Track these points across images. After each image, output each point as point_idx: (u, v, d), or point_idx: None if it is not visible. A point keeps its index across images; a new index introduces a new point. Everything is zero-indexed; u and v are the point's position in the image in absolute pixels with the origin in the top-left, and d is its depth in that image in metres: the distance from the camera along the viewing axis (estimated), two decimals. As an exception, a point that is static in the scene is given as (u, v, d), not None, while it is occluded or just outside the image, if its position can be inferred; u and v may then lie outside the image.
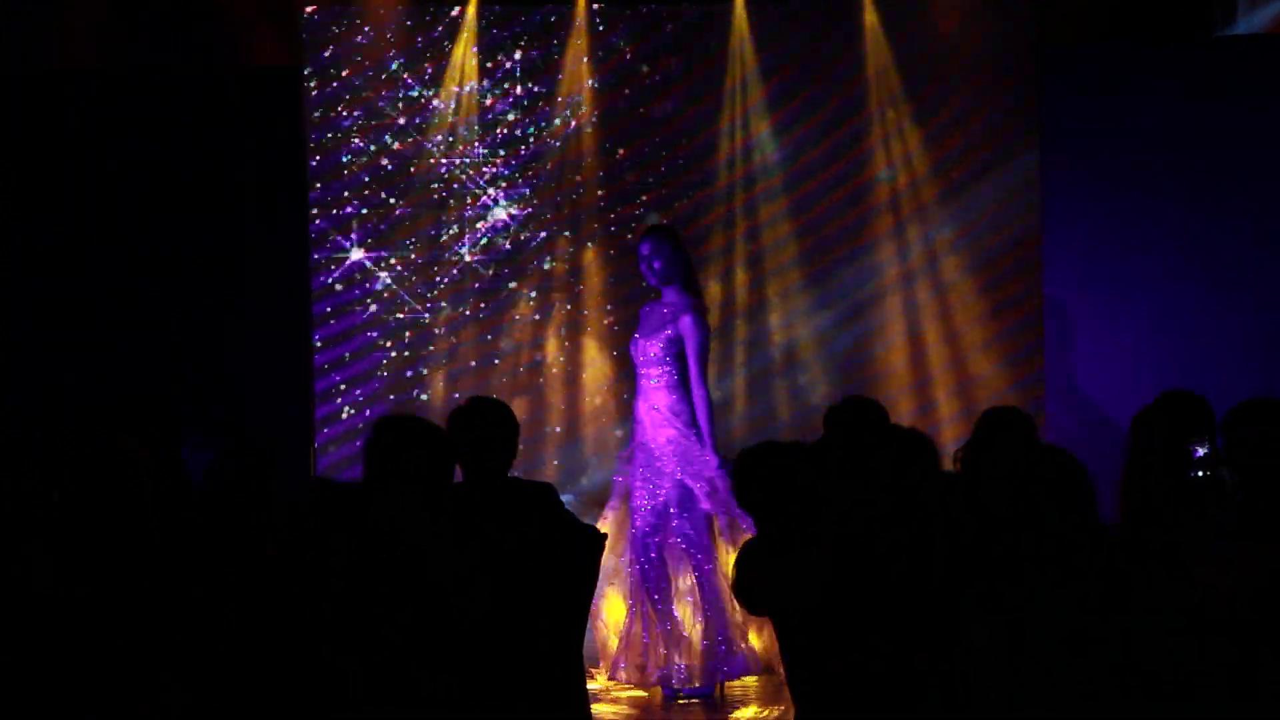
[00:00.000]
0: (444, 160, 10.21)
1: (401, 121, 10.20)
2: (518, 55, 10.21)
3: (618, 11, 10.21)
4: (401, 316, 10.23)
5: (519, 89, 10.24)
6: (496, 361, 10.30)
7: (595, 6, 10.20)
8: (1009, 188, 10.19)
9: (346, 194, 10.18)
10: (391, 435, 4.90)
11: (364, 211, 10.19)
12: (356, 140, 10.17)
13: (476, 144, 10.22)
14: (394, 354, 10.24)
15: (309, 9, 10.11)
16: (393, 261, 10.23)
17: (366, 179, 10.19)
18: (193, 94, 10.16)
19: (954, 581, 4.65)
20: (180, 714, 4.15)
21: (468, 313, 10.25)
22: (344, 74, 10.15)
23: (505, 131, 10.23)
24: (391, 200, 10.21)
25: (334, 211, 10.17)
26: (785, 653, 4.96)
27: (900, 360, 10.30)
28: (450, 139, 10.21)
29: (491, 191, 10.24)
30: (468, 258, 10.24)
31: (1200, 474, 5.84)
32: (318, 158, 10.12)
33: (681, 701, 8.43)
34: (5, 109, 10.09)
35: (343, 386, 10.20)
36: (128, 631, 4.14)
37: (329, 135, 10.15)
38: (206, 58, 10.13)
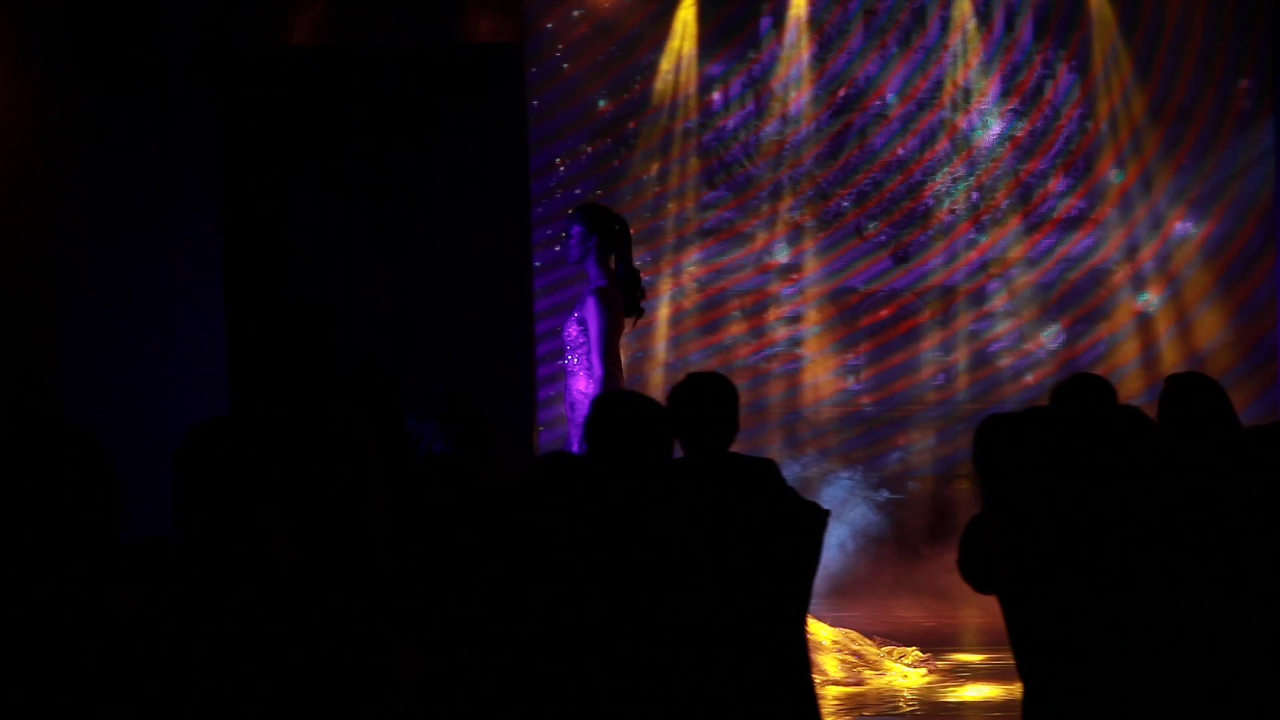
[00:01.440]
0: (659, 155, 10.30)
1: (611, 110, 10.30)
2: (736, 49, 10.25)
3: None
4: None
5: (739, 82, 10.27)
6: (714, 353, 10.36)
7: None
8: (1243, 163, 10.02)
9: (564, 173, 10.29)
10: (609, 410, 4.92)
11: (576, 193, 10.30)
12: (573, 123, 10.29)
13: (694, 141, 10.28)
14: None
15: None
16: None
17: (584, 158, 10.30)
18: (411, 69, 10.19)
19: (1165, 554, 4.57)
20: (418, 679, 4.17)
21: (686, 305, 10.31)
22: (563, 55, 10.24)
23: (723, 123, 10.28)
24: (613, 182, 10.32)
25: (556, 192, 10.30)
26: (1011, 631, 4.90)
27: (1130, 341, 10.18)
28: (666, 132, 10.28)
29: (712, 181, 10.30)
30: (683, 250, 10.31)
31: None
32: (544, 145, 10.27)
33: None
34: (240, 85, 10.16)
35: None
36: (364, 605, 4.18)
37: (548, 112, 10.27)
38: (425, 33, 10.14)
